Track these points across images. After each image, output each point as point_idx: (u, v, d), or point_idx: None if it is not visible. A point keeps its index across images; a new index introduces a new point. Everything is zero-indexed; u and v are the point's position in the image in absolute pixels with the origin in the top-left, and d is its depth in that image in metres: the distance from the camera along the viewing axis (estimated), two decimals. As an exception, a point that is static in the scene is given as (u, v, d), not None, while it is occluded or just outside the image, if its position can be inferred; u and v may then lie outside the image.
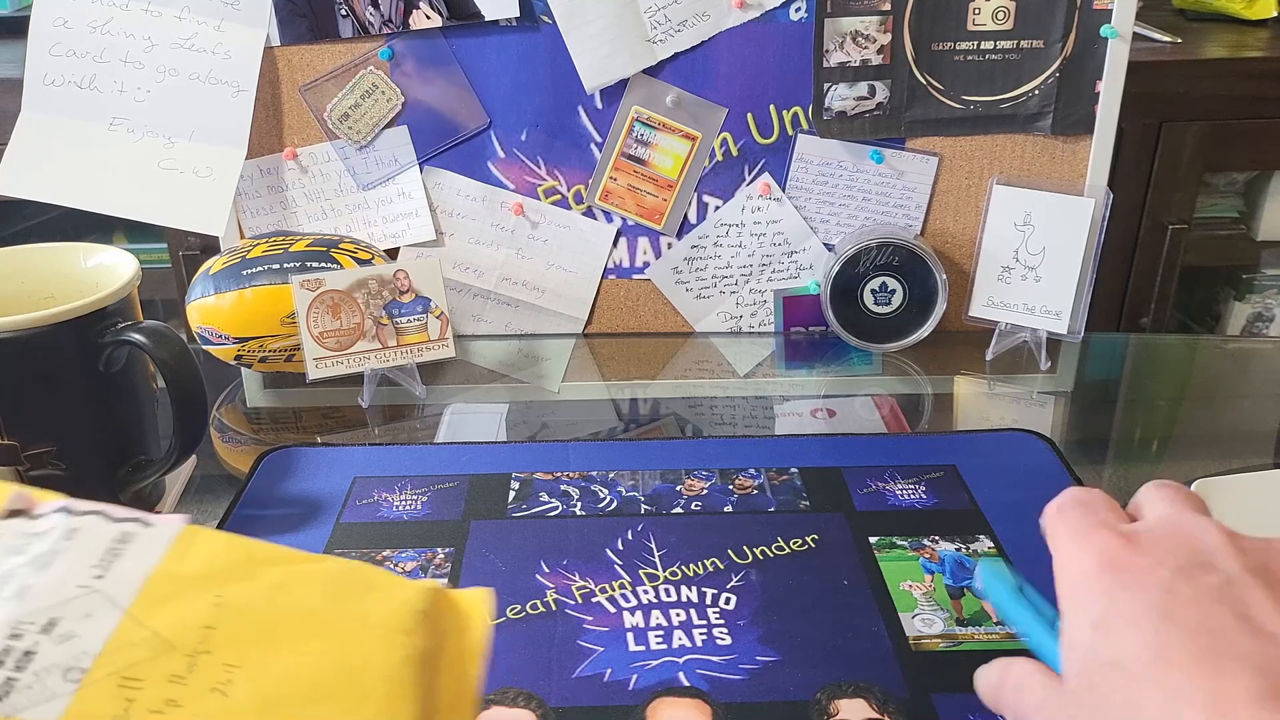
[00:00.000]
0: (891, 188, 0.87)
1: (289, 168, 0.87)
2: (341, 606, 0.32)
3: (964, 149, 0.86)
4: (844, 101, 0.85)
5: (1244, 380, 0.88)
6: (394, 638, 0.31)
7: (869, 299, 0.86)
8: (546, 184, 0.88)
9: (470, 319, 0.91)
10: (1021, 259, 0.84)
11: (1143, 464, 0.73)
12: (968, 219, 0.88)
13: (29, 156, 0.83)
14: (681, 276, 0.90)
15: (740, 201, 0.88)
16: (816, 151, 0.86)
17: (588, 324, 0.91)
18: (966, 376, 0.84)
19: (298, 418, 0.80)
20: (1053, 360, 0.84)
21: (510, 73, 0.85)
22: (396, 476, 0.67)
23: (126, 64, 0.83)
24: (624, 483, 0.66)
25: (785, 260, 0.90)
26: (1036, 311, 0.84)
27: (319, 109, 0.86)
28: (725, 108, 0.85)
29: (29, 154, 0.83)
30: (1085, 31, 0.82)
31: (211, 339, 0.77)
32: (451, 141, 0.87)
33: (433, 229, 0.88)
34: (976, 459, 0.68)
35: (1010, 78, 0.84)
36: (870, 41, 0.83)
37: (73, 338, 0.57)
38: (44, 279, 0.64)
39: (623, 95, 0.85)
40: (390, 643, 0.31)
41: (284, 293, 0.75)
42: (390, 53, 0.84)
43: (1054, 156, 0.86)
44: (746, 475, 0.67)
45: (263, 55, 0.84)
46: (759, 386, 0.84)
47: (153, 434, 0.65)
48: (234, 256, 0.78)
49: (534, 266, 0.90)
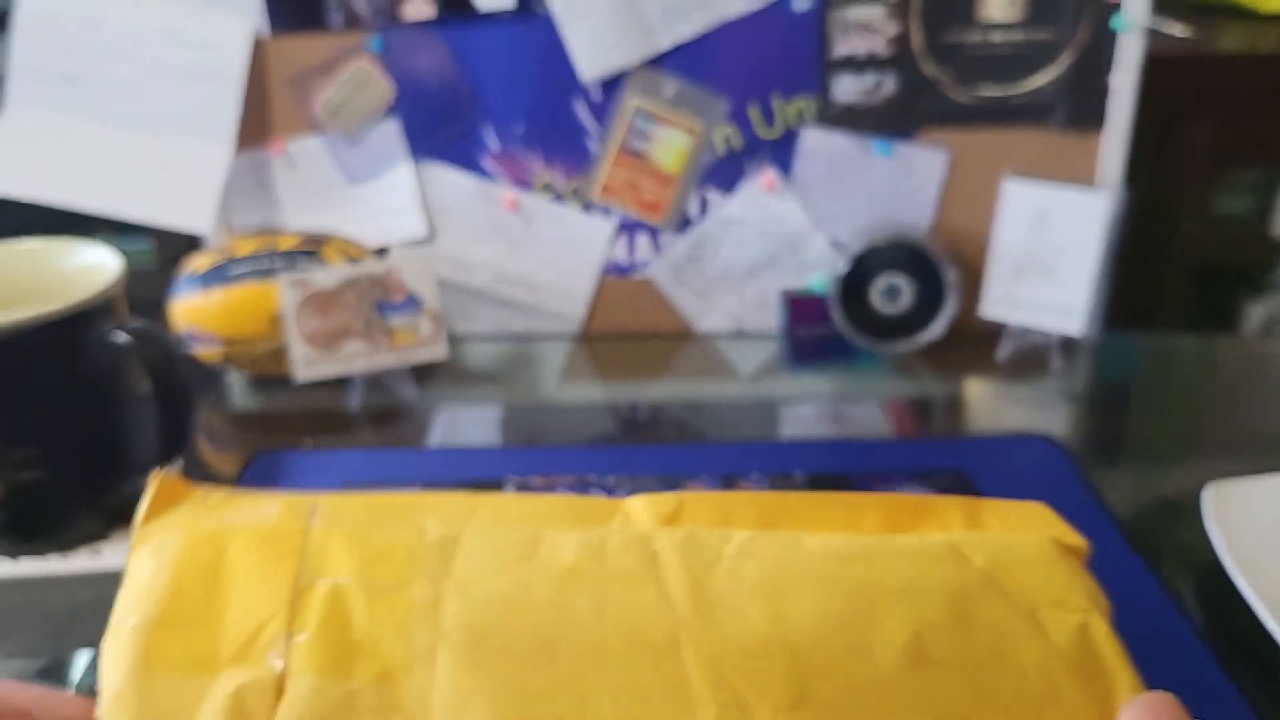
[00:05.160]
0: (900, 183, 0.86)
1: (277, 163, 0.86)
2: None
3: (975, 143, 0.85)
4: (850, 94, 0.83)
5: (1262, 381, 0.87)
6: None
7: (877, 298, 0.85)
8: (543, 179, 0.86)
9: (463, 318, 0.90)
10: (1034, 257, 0.83)
11: (1157, 468, 0.72)
12: (978, 215, 0.87)
13: (12, 152, 0.82)
14: (682, 274, 0.89)
15: (743, 197, 0.87)
16: (822, 145, 0.85)
17: (585, 324, 0.90)
18: (977, 378, 0.83)
19: (286, 420, 0.79)
20: (1066, 362, 0.83)
21: (505, 64, 0.83)
22: (387, 481, 0.66)
23: (111, 58, 0.82)
24: (623, 488, 0.65)
25: (790, 258, 0.88)
26: (1049, 311, 0.82)
27: (308, 102, 0.85)
28: (728, 100, 0.84)
29: (12, 150, 0.82)
30: (1098, 23, 0.81)
31: (197, 339, 0.76)
32: (444, 135, 0.85)
33: (425, 225, 0.87)
34: (987, 463, 0.67)
35: (1021, 70, 0.82)
36: (877, 32, 0.82)
37: (55, 339, 0.57)
38: (24, 278, 0.63)
39: (622, 87, 0.84)
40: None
41: (271, 292, 0.74)
42: (382, 44, 0.83)
43: (1067, 152, 0.85)
44: (750, 480, 0.66)
45: (251, 47, 0.83)
46: (763, 388, 0.83)
47: (138, 438, 0.64)
48: (220, 255, 0.77)
49: (529, 264, 0.88)
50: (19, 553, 0.61)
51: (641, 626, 0.29)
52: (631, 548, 0.31)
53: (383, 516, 0.31)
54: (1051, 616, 0.31)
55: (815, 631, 0.29)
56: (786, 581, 0.30)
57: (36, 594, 0.59)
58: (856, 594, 0.30)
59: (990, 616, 0.31)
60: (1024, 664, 0.30)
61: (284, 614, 0.28)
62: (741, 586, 0.30)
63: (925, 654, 0.29)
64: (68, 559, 0.61)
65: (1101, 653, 0.31)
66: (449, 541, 0.30)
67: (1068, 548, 0.34)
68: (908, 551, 0.32)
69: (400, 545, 0.30)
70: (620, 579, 0.30)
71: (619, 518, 0.33)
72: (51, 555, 0.61)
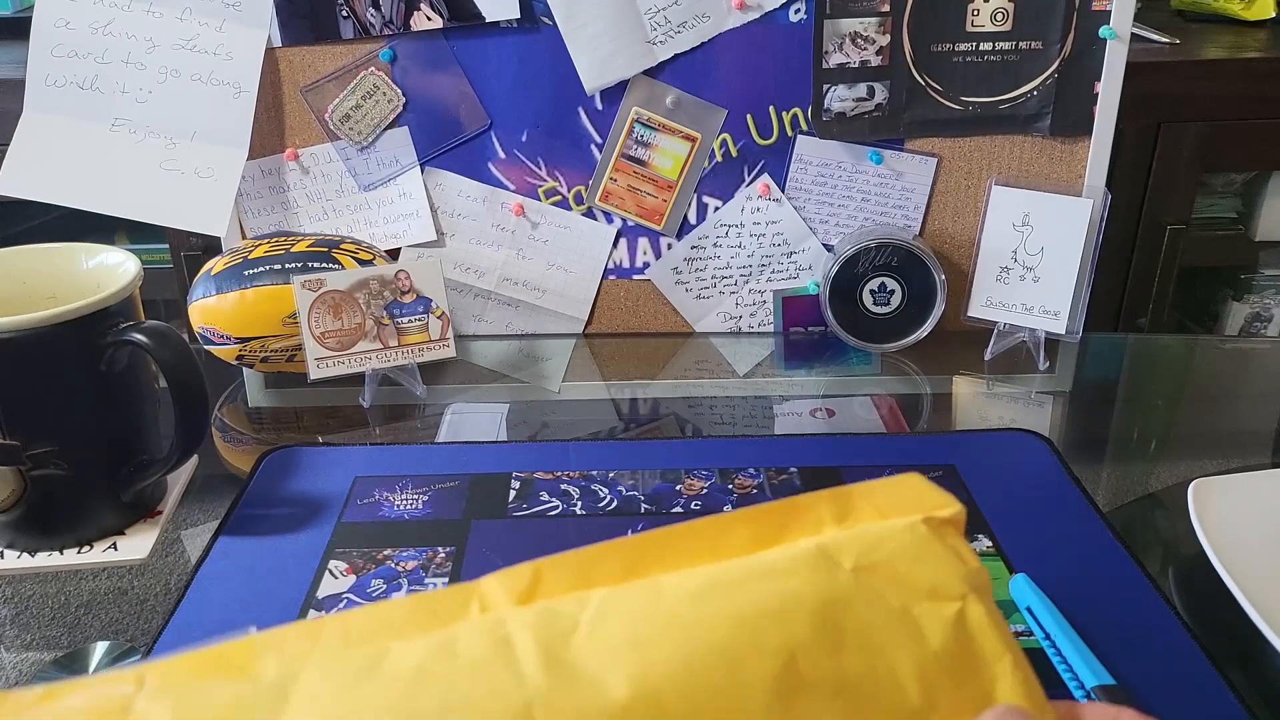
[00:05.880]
0: (890, 188, 0.87)
1: (290, 168, 0.87)
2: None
3: (963, 150, 0.86)
4: (843, 102, 0.85)
5: (1242, 380, 0.88)
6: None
7: (868, 299, 0.86)
8: (547, 185, 0.88)
9: (471, 319, 0.91)
10: (1020, 259, 0.84)
11: (1141, 464, 0.73)
12: (966, 219, 0.88)
13: (31, 157, 0.83)
14: (681, 277, 0.90)
15: (740, 202, 0.88)
16: (816, 152, 0.87)
17: (588, 324, 0.92)
18: (965, 376, 0.84)
19: (299, 417, 0.80)
20: (1051, 360, 0.85)
21: (511, 74, 0.85)
22: (397, 476, 0.67)
23: (128, 65, 0.83)
24: (624, 482, 0.66)
25: (785, 261, 0.90)
26: (1035, 312, 0.84)
27: (320, 110, 0.86)
28: (725, 109, 0.85)
29: (31, 154, 0.83)
30: (1084, 32, 0.82)
31: (213, 339, 0.78)
32: (452, 142, 0.87)
33: (433, 229, 0.88)
34: (975, 459, 0.68)
35: (1009, 79, 0.84)
36: (869, 43, 0.83)
37: (75, 338, 0.57)
38: (46, 279, 0.64)
39: (623, 96, 0.85)
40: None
41: (285, 293, 0.75)
42: (391, 54, 0.84)
43: (1052, 157, 0.86)
44: (746, 475, 0.67)
45: (264, 56, 0.84)
46: (758, 386, 0.84)
47: (154, 434, 0.65)
48: (235, 257, 0.78)
49: (534, 267, 0.90)
50: (37, 546, 0.62)
51: (493, 711, 0.27)
52: (482, 636, 0.29)
53: (216, 671, 0.29)
54: (926, 611, 0.30)
55: (680, 683, 0.28)
56: (647, 634, 0.29)
57: (54, 586, 0.60)
58: (721, 630, 0.29)
59: (862, 625, 0.30)
60: (900, 674, 0.29)
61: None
62: (601, 649, 0.29)
63: (798, 679, 0.28)
64: (85, 553, 0.62)
65: (979, 642, 0.31)
66: (284, 681, 0.29)
67: (942, 522, 0.33)
68: (772, 569, 0.31)
69: (230, 699, 0.29)
70: (470, 670, 0.28)
71: (476, 603, 0.31)
72: (69, 549, 0.62)
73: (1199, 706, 0.48)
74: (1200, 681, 0.50)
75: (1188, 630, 0.53)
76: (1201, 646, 0.52)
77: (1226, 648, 0.52)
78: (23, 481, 0.59)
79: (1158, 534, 0.65)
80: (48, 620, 0.57)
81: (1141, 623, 0.54)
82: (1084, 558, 0.59)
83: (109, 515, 0.63)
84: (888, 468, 0.67)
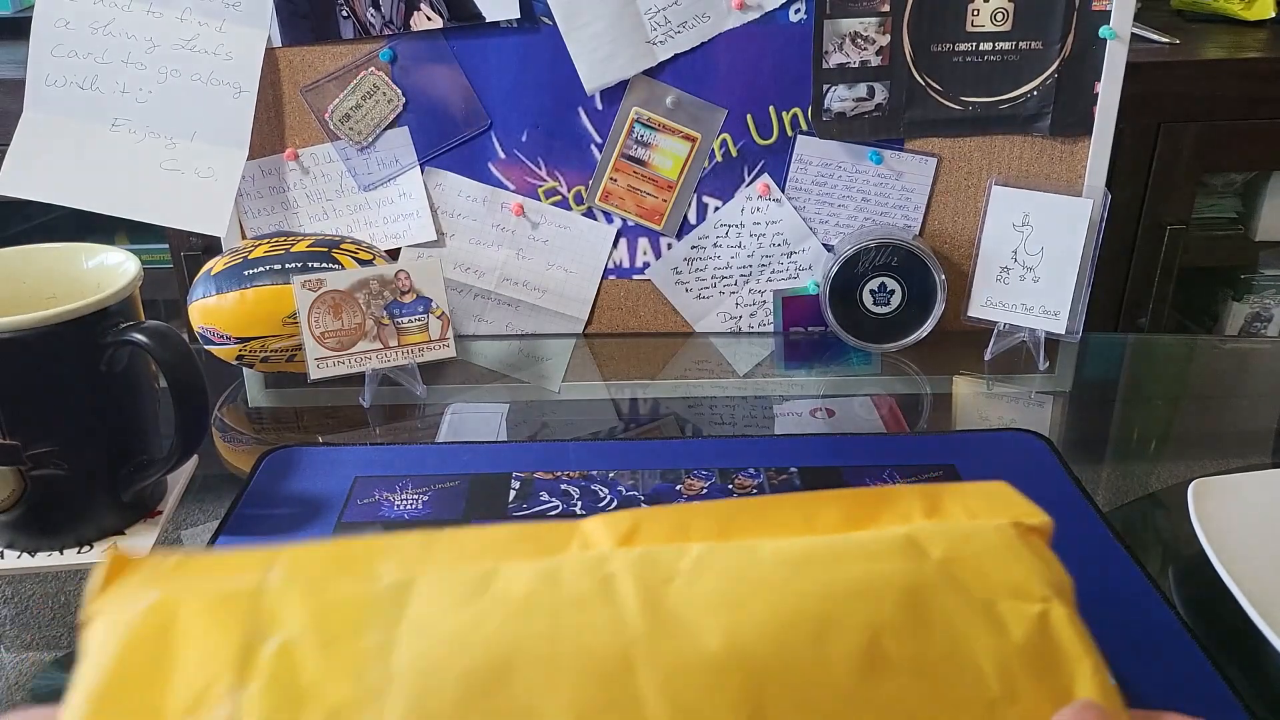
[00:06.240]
0: (890, 188, 0.88)
1: (290, 168, 0.87)
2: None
3: (963, 150, 0.87)
4: (843, 102, 0.85)
5: (1242, 380, 0.88)
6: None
7: (868, 299, 0.86)
8: (547, 185, 0.88)
9: (471, 319, 0.91)
10: (1020, 259, 0.84)
11: (1141, 464, 0.73)
12: (966, 219, 0.88)
13: (31, 157, 0.83)
14: (681, 277, 0.90)
15: (740, 202, 0.88)
16: (816, 152, 0.87)
17: (588, 324, 0.92)
18: (965, 376, 0.84)
19: (299, 417, 0.80)
20: (1051, 360, 0.85)
21: (511, 74, 0.85)
22: (397, 476, 0.67)
23: (128, 65, 0.83)
24: (624, 482, 0.66)
25: (785, 261, 0.90)
26: (1035, 312, 0.84)
27: (320, 110, 0.86)
28: (725, 109, 0.86)
29: (31, 154, 0.83)
30: (1084, 32, 0.82)
31: (213, 339, 0.78)
32: (452, 142, 0.87)
33: (433, 229, 0.88)
34: (975, 459, 0.68)
35: (1009, 79, 0.84)
36: (869, 43, 0.83)
37: (75, 338, 0.57)
38: (46, 279, 0.64)
39: (623, 96, 0.85)
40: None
41: (285, 293, 0.75)
42: (391, 54, 0.85)
43: (1052, 157, 0.86)
44: (746, 475, 0.67)
45: (264, 56, 0.84)
46: (758, 386, 0.84)
47: (154, 434, 0.65)
48: (235, 257, 0.78)
49: (534, 267, 0.90)
50: (37, 546, 0.62)
51: (595, 648, 0.28)
52: (586, 571, 0.30)
53: (341, 565, 0.31)
54: (1010, 608, 0.31)
55: (771, 644, 0.29)
56: (742, 593, 0.30)
57: (54, 586, 0.60)
58: (812, 600, 0.30)
59: (947, 612, 0.30)
60: (981, 662, 0.30)
61: (232, 672, 0.28)
62: (697, 601, 0.30)
63: (881, 657, 0.29)
64: (85, 553, 0.61)
65: (1061, 642, 0.31)
66: (403, 586, 0.30)
67: (1029, 529, 0.33)
68: (864, 549, 0.31)
69: (354, 594, 0.30)
70: (574, 603, 0.29)
71: (577, 540, 0.32)
72: (69, 549, 0.62)
73: (1199, 706, 0.48)
74: (1200, 681, 0.50)
75: (1188, 630, 0.53)
76: (1201, 646, 0.52)
77: (1226, 648, 0.52)
78: (23, 481, 0.59)
79: (1158, 534, 0.65)
80: (48, 620, 0.57)
81: (1141, 623, 0.54)
82: (1084, 558, 0.59)
83: (109, 515, 0.63)
84: (888, 468, 0.67)
